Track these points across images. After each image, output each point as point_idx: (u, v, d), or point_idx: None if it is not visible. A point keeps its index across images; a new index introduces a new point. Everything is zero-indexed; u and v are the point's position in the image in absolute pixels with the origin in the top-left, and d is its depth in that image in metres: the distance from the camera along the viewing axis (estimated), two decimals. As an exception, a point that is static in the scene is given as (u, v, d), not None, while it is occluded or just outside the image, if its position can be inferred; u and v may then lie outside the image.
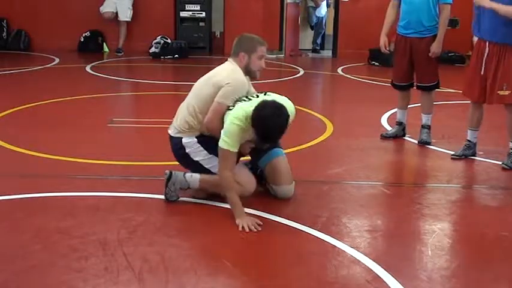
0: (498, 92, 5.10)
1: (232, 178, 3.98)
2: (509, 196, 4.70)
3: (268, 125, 3.87)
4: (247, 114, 3.95)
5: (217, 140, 4.00)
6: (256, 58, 4.25)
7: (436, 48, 5.74)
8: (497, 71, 5.09)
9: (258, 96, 4.16)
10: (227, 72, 4.24)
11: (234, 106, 4.08)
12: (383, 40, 5.98)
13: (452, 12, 5.78)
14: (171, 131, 4.36)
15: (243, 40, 4.33)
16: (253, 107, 3.94)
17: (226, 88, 4.14)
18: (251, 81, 4.41)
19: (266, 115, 3.85)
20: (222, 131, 3.99)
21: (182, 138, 4.28)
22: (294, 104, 4.23)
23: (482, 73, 5.17)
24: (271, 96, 4.17)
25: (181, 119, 4.30)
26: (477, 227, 4.13)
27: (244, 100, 4.11)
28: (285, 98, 4.25)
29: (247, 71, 4.29)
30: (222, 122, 4.09)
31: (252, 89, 4.43)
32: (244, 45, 4.28)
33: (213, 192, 4.27)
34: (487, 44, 5.12)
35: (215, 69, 4.38)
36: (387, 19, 6.01)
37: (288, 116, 3.94)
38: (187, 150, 4.27)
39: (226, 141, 3.96)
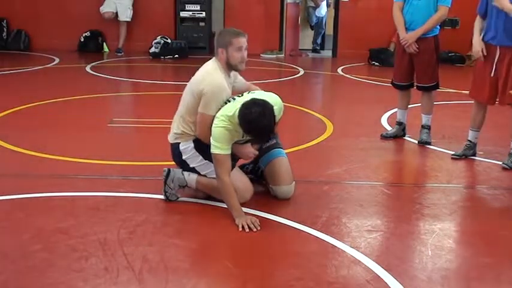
0: (510, 91, 5.07)
1: (230, 183, 3.96)
2: (509, 196, 4.70)
3: (256, 125, 3.82)
4: (229, 115, 3.93)
5: None
6: (234, 51, 4.13)
7: (408, 37, 5.72)
8: (508, 72, 5.05)
9: (242, 95, 4.13)
10: (203, 76, 4.16)
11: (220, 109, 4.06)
12: (410, 38, 5.72)
13: (452, 12, 5.77)
14: (170, 138, 4.35)
15: (218, 35, 4.26)
16: (235, 107, 3.92)
17: (204, 95, 4.06)
18: (238, 72, 4.33)
19: (252, 116, 3.79)
20: (211, 137, 3.99)
21: (179, 143, 4.28)
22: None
23: (492, 75, 5.13)
24: (255, 94, 4.12)
25: (177, 128, 4.29)
26: (477, 227, 4.13)
27: (229, 101, 4.09)
28: (271, 93, 4.20)
29: (229, 66, 4.19)
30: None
31: (241, 79, 4.40)
32: (219, 40, 4.20)
33: (209, 194, 4.28)
34: (498, 47, 5.09)
35: (198, 71, 4.28)
36: (400, 21, 5.79)
37: (273, 111, 3.89)
38: (184, 157, 4.26)
39: (216, 146, 3.95)
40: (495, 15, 5.06)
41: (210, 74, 4.15)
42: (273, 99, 4.09)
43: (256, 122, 3.80)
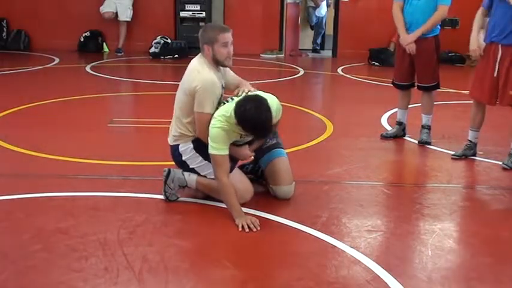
0: (511, 92, 5.06)
1: (229, 183, 3.95)
2: (509, 196, 4.69)
3: (254, 121, 3.80)
4: (226, 116, 3.92)
5: None
6: (220, 47, 4.09)
7: (408, 38, 5.69)
8: (509, 72, 5.05)
9: (240, 95, 4.11)
10: (192, 75, 4.13)
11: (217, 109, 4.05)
12: (409, 39, 5.71)
13: (452, 12, 5.76)
14: (169, 141, 4.35)
15: (203, 31, 4.21)
16: (232, 108, 3.91)
17: (197, 93, 4.04)
18: (225, 68, 4.28)
19: (248, 112, 3.77)
20: (208, 138, 3.98)
21: (179, 145, 4.27)
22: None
23: (495, 75, 5.12)
24: (253, 92, 4.11)
25: (175, 130, 4.29)
26: (477, 227, 4.13)
27: (227, 101, 4.08)
28: (269, 94, 4.16)
29: (216, 62, 4.15)
30: None
31: (231, 74, 4.36)
32: (204, 37, 4.15)
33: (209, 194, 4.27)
34: (500, 46, 5.08)
35: (186, 70, 4.24)
36: (400, 21, 5.79)
37: (269, 105, 3.86)
38: (184, 158, 4.25)
39: (213, 147, 3.94)
40: (499, 12, 5.05)
41: (199, 71, 4.12)
42: (270, 100, 4.08)
43: (253, 117, 3.79)
